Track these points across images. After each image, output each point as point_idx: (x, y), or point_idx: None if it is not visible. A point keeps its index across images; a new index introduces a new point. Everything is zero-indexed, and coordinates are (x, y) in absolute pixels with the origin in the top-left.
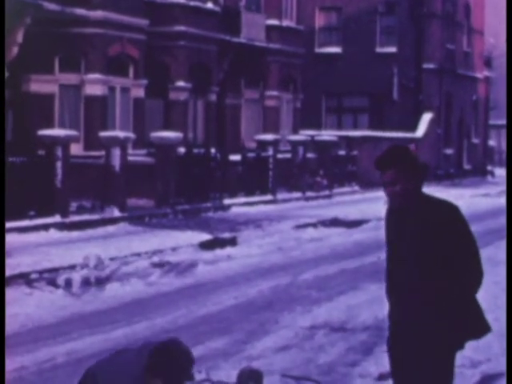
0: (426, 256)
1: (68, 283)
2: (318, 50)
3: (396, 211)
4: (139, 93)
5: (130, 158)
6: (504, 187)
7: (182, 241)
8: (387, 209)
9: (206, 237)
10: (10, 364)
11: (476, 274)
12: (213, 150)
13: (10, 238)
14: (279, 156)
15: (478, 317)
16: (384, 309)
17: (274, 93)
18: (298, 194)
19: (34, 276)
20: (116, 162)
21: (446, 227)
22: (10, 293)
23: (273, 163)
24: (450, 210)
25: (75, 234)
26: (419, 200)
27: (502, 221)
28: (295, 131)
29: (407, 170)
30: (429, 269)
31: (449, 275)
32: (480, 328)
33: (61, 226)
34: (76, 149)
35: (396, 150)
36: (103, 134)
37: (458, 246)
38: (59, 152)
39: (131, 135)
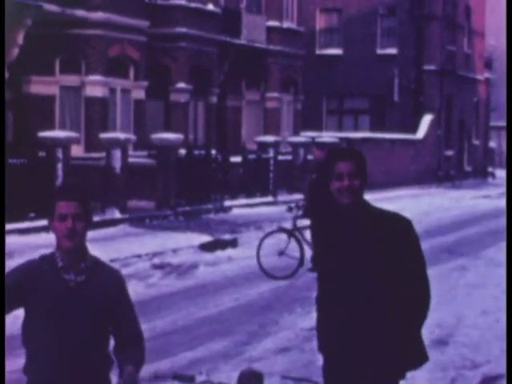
0: (370, 274)
1: None
2: (318, 51)
3: (335, 219)
4: (140, 94)
5: (131, 160)
6: (505, 189)
7: (183, 242)
8: (324, 216)
9: (206, 238)
10: (10, 365)
11: (423, 302)
12: (213, 152)
13: (11, 240)
14: (280, 158)
15: (419, 345)
16: None
17: (275, 94)
18: (298, 196)
19: None
20: (117, 163)
21: (397, 245)
22: None
23: (274, 165)
24: (404, 225)
25: None
26: (366, 209)
27: (503, 222)
28: (296, 133)
29: (364, 167)
30: (372, 289)
31: (393, 299)
32: (419, 358)
33: None
34: (77, 150)
35: (354, 149)
36: (104, 135)
37: (407, 266)
38: (60, 153)
39: (132, 137)
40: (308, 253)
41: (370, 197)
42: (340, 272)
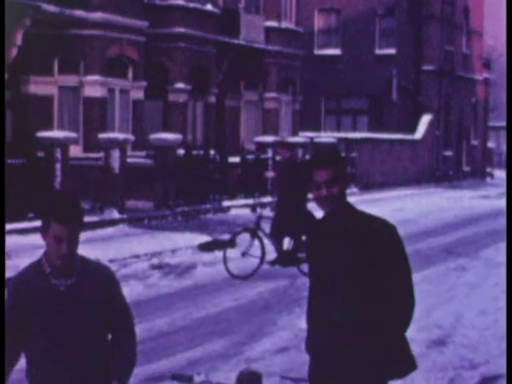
0: (354, 280)
1: None
2: (317, 51)
3: (324, 226)
4: (138, 94)
5: (130, 160)
6: (503, 189)
7: (181, 243)
8: (313, 223)
9: (205, 239)
10: None
11: (405, 309)
12: (212, 152)
13: (10, 240)
14: (278, 158)
15: (405, 353)
16: None
17: (274, 95)
18: None
19: None
20: (115, 163)
21: (382, 251)
22: None
23: (272, 165)
24: (388, 231)
25: None
26: (351, 213)
27: (502, 222)
28: (294, 133)
29: (343, 171)
30: (356, 294)
31: (378, 305)
32: (406, 366)
33: None
34: (75, 150)
35: (332, 150)
36: (102, 135)
37: (391, 273)
38: (58, 154)
39: (130, 137)
40: (269, 248)
41: (368, 197)
42: (326, 276)
